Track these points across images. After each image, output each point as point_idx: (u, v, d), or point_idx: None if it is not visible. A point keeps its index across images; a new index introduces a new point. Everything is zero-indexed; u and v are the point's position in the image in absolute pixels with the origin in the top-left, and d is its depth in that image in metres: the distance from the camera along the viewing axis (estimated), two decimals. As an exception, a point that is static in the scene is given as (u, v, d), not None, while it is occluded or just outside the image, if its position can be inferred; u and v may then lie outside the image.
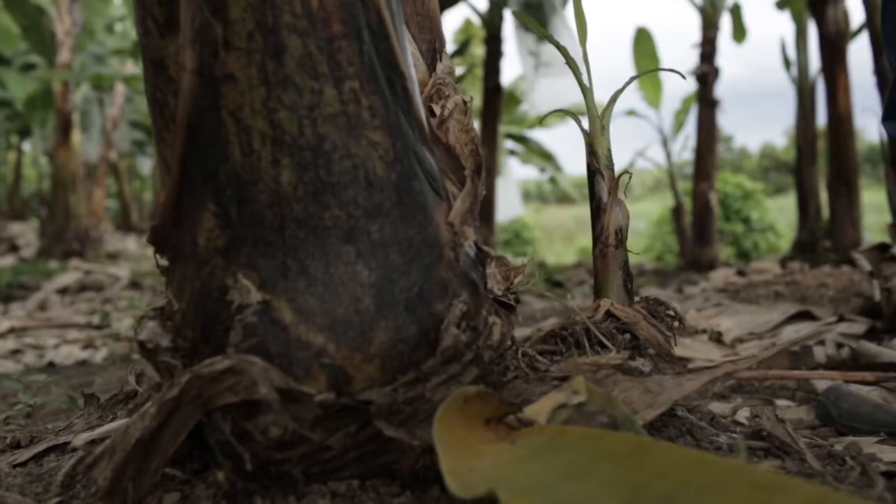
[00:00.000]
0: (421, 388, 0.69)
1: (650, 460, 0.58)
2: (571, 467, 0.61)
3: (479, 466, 0.62)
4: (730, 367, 0.78)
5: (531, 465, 0.63)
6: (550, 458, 0.63)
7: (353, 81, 0.66)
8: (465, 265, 0.74)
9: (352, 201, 0.67)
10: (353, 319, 0.66)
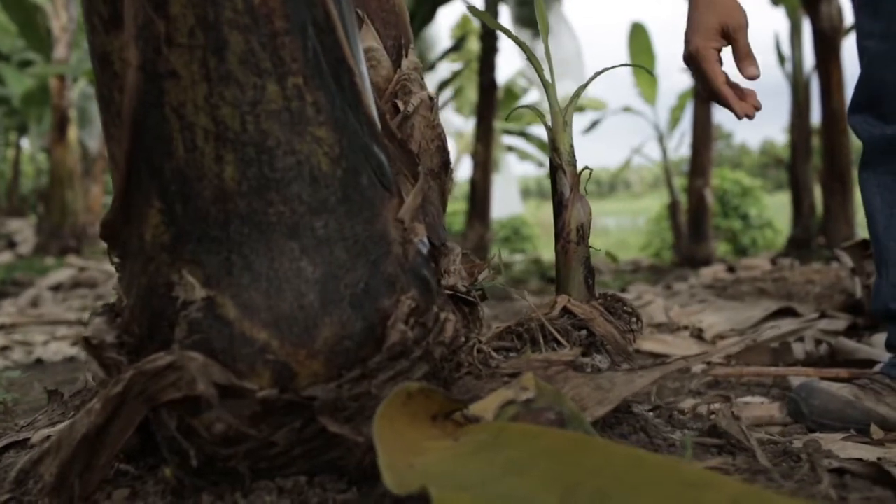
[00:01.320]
0: (367, 385, 0.69)
1: (586, 457, 0.58)
2: (512, 464, 0.61)
3: (419, 463, 0.62)
4: (681, 363, 0.78)
5: (472, 462, 0.63)
6: (492, 455, 0.63)
7: (297, 77, 0.66)
8: (416, 261, 0.74)
9: (296, 197, 0.67)
10: (297, 315, 0.66)
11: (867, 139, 1.24)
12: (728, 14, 1.09)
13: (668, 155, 6.55)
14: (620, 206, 20.57)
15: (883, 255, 1.21)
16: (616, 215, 18.65)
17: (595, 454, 0.58)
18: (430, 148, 1.08)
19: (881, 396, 1.21)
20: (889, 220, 1.19)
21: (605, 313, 0.86)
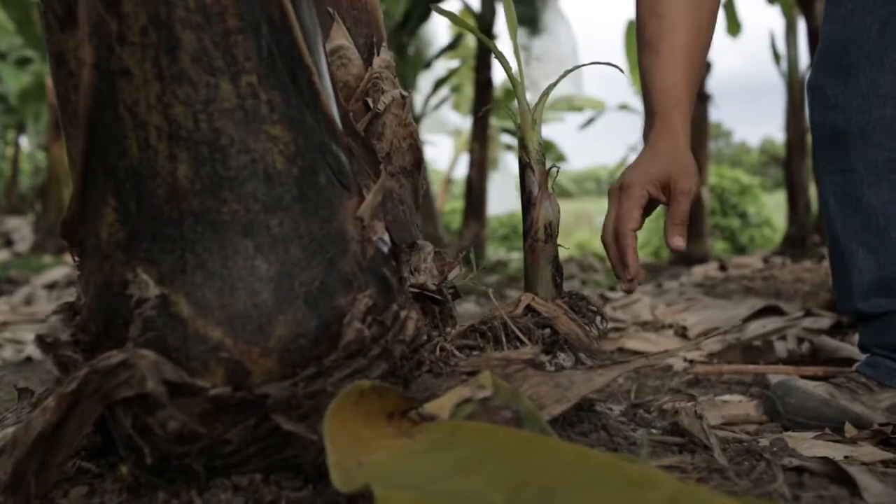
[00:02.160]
0: (323, 383, 0.69)
1: (535, 456, 0.58)
2: (462, 462, 0.61)
3: (370, 461, 0.62)
4: (642, 360, 0.78)
5: (424, 460, 0.63)
6: (443, 454, 0.63)
7: (251, 76, 0.66)
8: (375, 260, 0.74)
9: (250, 196, 0.67)
10: (251, 313, 0.66)
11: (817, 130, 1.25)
12: (682, 173, 1.03)
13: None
14: (620, 204, 20.52)
15: (843, 256, 1.21)
16: (616, 213, 18.58)
17: (543, 453, 0.58)
18: (402, 146, 1.08)
19: (856, 395, 1.21)
20: (846, 220, 1.19)
21: (570, 311, 0.87)
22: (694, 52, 1.07)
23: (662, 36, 1.05)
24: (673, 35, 1.04)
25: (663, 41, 1.04)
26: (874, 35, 1.13)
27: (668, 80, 1.04)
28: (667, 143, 1.04)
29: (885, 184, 1.14)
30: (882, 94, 1.13)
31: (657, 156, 1.03)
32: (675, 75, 1.04)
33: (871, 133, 1.14)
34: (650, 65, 1.06)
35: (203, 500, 0.68)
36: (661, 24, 1.04)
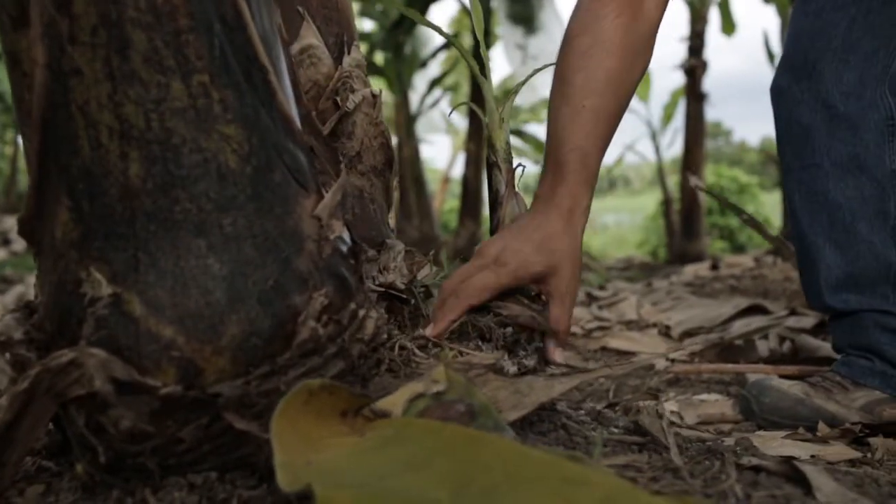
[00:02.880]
0: (277, 381, 0.69)
1: (480, 453, 0.59)
2: (411, 460, 0.61)
3: (319, 460, 0.62)
4: (606, 370, 0.79)
5: (373, 458, 0.63)
6: (393, 451, 0.63)
7: (203, 75, 0.66)
8: (332, 258, 0.74)
9: (203, 195, 0.67)
10: (203, 312, 0.67)
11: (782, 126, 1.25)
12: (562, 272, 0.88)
13: (660, 152, 6.54)
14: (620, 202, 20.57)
15: (811, 253, 1.21)
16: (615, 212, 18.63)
17: (487, 451, 0.58)
18: (373, 145, 1.08)
19: (831, 394, 1.21)
20: (812, 216, 1.20)
21: (524, 301, 0.86)
22: (615, 122, 0.97)
23: (591, 91, 0.93)
24: (604, 98, 0.93)
25: (590, 98, 0.93)
26: (842, 31, 1.13)
27: (588, 140, 0.93)
28: (560, 226, 0.89)
29: (850, 179, 1.15)
30: (846, 90, 1.14)
31: (544, 242, 0.88)
32: (597, 139, 0.93)
33: (836, 129, 1.14)
34: (571, 118, 0.93)
35: (157, 499, 0.68)
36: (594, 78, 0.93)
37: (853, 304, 1.19)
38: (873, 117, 1.13)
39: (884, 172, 1.14)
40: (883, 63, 1.12)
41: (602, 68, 0.93)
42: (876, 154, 1.14)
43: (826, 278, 1.19)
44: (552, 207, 0.91)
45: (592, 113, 0.93)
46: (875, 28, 1.12)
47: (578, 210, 0.91)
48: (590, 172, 0.92)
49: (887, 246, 1.15)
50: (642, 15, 0.96)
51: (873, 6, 1.12)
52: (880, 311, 1.18)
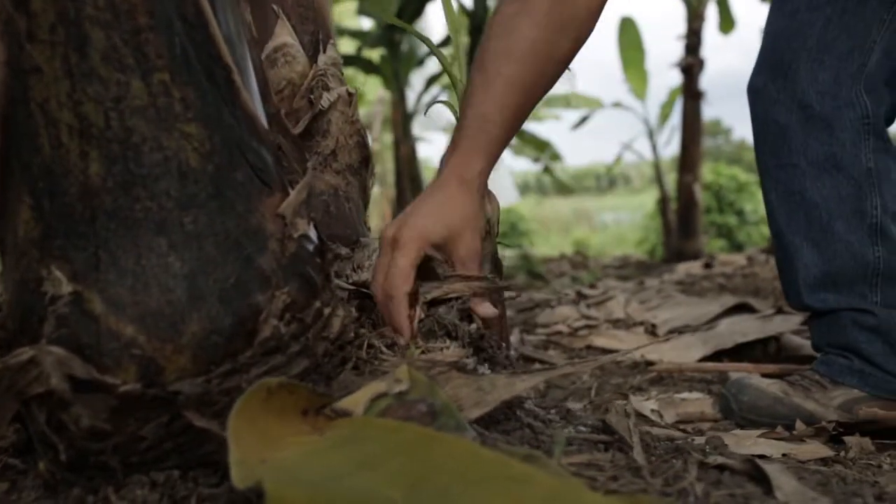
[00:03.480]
0: (238, 379, 0.69)
1: (434, 452, 0.59)
2: (368, 459, 0.61)
3: (275, 458, 0.62)
4: (568, 368, 0.79)
5: (329, 457, 0.63)
6: (350, 450, 0.63)
7: (163, 74, 0.66)
8: (296, 257, 0.74)
9: (164, 193, 0.67)
10: (163, 310, 0.67)
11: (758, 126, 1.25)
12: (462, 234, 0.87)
13: (657, 150, 6.54)
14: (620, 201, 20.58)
15: (788, 252, 1.21)
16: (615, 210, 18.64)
17: (441, 449, 0.58)
18: (349, 144, 1.08)
19: (810, 393, 1.21)
20: (789, 215, 1.20)
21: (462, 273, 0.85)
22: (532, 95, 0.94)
23: (510, 61, 0.90)
24: (522, 67, 0.90)
25: (508, 67, 0.90)
26: (817, 31, 1.14)
27: (494, 112, 0.90)
28: (455, 192, 0.88)
29: (826, 178, 1.15)
30: (822, 90, 1.14)
31: (442, 210, 0.88)
32: (505, 111, 0.91)
33: (812, 128, 1.15)
34: (482, 85, 0.92)
35: (119, 497, 0.68)
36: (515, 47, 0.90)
37: (831, 303, 1.19)
38: (849, 116, 1.13)
39: (860, 171, 1.14)
40: (858, 62, 1.13)
41: (525, 38, 0.91)
42: (852, 153, 1.14)
43: (804, 277, 1.20)
44: (447, 176, 0.91)
45: (507, 81, 0.90)
46: (850, 28, 1.12)
47: (470, 174, 0.90)
48: (488, 139, 0.90)
49: (864, 245, 1.16)
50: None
51: (848, 6, 1.13)
52: (858, 310, 1.18)
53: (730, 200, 9.48)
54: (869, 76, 1.14)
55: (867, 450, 1.05)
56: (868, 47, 1.13)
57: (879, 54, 1.14)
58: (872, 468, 0.97)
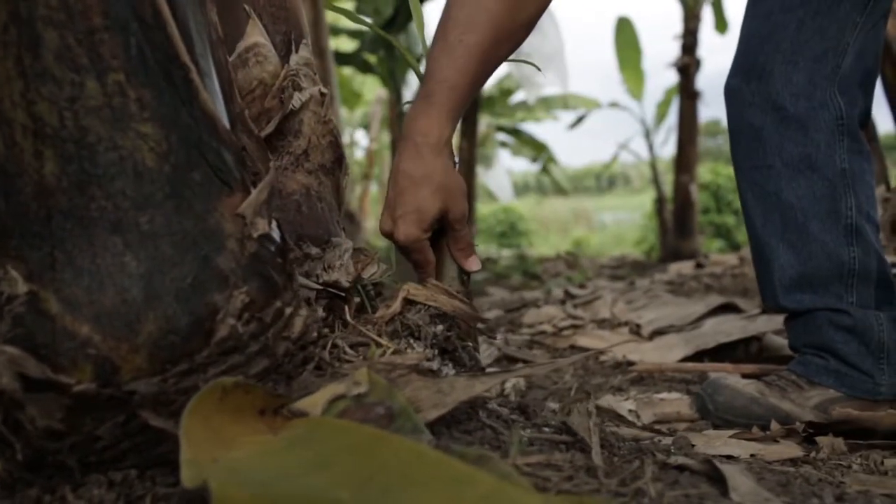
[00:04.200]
0: (195, 379, 0.69)
1: (381, 452, 0.59)
2: (318, 459, 0.62)
3: (227, 457, 0.62)
4: (527, 370, 0.79)
5: (282, 457, 0.63)
6: (301, 450, 0.63)
7: (118, 74, 0.66)
8: (256, 256, 0.74)
9: (119, 193, 0.67)
10: (120, 310, 0.67)
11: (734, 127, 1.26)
12: (453, 201, 0.95)
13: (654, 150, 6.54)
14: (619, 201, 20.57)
15: (764, 252, 1.22)
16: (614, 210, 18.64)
17: (387, 449, 0.58)
18: (322, 143, 1.08)
19: (786, 393, 1.21)
20: (765, 216, 1.20)
21: (449, 290, 0.86)
22: (492, 62, 0.98)
23: (471, 29, 0.94)
24: (481, 35, 0.94)
25: (470, 35, 0.94)
26: (790, 34, 1.14)
27: (457, 79, 0.94)
28: (433, 162, 0.94)
29: (801, 179, 1.15)
30: (796, 91, 1.14)
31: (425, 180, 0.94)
32: (466, 77, 0.95)
33: (787, 129, 1.15)
34: (446, 50, 0.95)
35: (77, 496, 0.68)
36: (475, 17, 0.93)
37: (807, 304, 1.19)
38: (823, 117, 1.13)
39: (835, 172, 1.14)
40: (832, 64, 1.13)
41: (484, 7, 0.94)
42: (826, 154, 1.14)
43: (780, 278, 1.20)
44: (423, 143, 0.95)
45: (467, 48, 0.94)
46: (823, 30, 1.13)
47: (443, 139, 0.95)
48: (455, 104, 0.95)
49: (839, 245, 1.16)
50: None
51: (821, 9, 1.13)
52: (834, 310, 1.18)
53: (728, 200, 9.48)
54: (843, 78, 1.14)
55: (839, 450, 1.05)
56: (841, 49, 1.13)
57: (853, 57, 1.15)
58: (842, 468, 0.97)
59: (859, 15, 1.14)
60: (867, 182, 1.16)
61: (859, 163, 1.15)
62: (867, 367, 1.18)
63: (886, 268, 1.19)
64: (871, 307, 1.18)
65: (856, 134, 1.15)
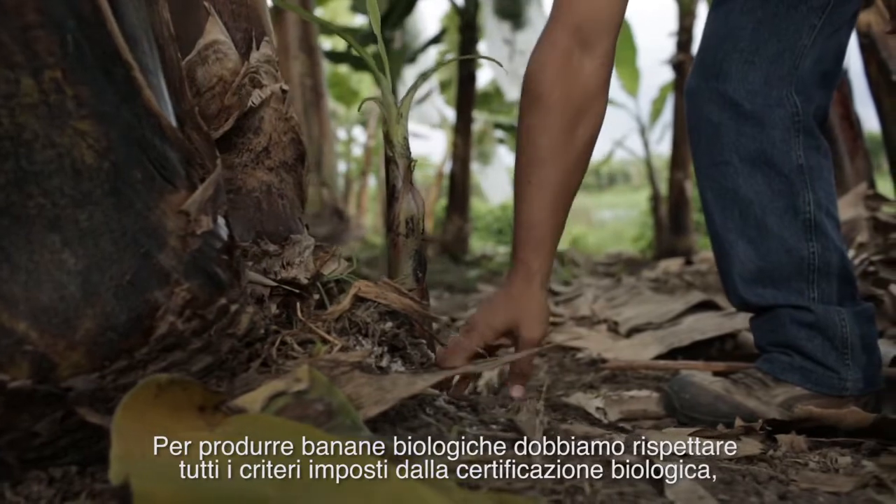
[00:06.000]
0: (135, 376, 0.69)
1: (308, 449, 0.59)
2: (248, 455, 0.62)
3: (159, 454, 0.63)
4: (471, 367, 0.79)
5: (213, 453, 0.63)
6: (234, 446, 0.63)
7: (55, 71, 0.66)
8: (199, 254, 0.74)
9: (57, 190, 0.67)
10: (57, 306, 0.67)
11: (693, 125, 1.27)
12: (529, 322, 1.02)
13: (649, 147, 6.53)
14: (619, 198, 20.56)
15: (724, 249, 1.22)
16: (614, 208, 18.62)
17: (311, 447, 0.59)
18: (283, 140, 1.08)
19: (752, 391, 1.22)
20: (724, 212, 1.21)
21: (399, 288, 0.87)
22: (564, 189, 1.06)
23: (534, 168, 1.04)
24: (544, 170, 1.04)
25: (535, 174, 1.04)
26: (748, 34, 1.15)
27: (534, 216, 1.05)
28: (519, 288, 1.04)
29: (759, 175, 1.16)
30: (752, 89, 1.15)
31: (505, 303, 1.04)
32: (542, 212, 1.04)
33: (743, 126, 1.16)
34: (521, 192, 1.06)
35: (16, 493, 0.69)
36: (535, 156, 1.04)
37: (769, 299, 1.19)
38: (779, 114, 1.14)
39: (791, 168, 1.15)
40: (789, 64, 1.14)
41: (541, 146, 1.04)
42: (782, 150, 1.15)
43: (740, 273, 1.20)
44: (513, 274, 1.07)
45: (537, 188, 1.04)
46: (780, 31, 1.14)
47: (532, 271, 1.05)
48: (538, 241, 1.05)
49: (798, 240, 1.16)
50: (580, 84, 1.04)
51: (779, 11, 1.14)
52: (796, 307, 1.18)
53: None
54: (800, 79, 1.15)
55: (798, 448, 1.05)
56: (798, 51, 1.14)
57: (811, 59, 1.16)
58: (798, 466, 0.97)
59: (817, 18, 1.15)
60: (826, 178, 1.17)
61: (817, 159, 1.16)
62: (832, 363, 1.18)
63: (848, 263, 1.20)
64: (833, 303, 1.18)
65: (812, 130, 1.16)
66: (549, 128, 1.04)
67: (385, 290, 0.85)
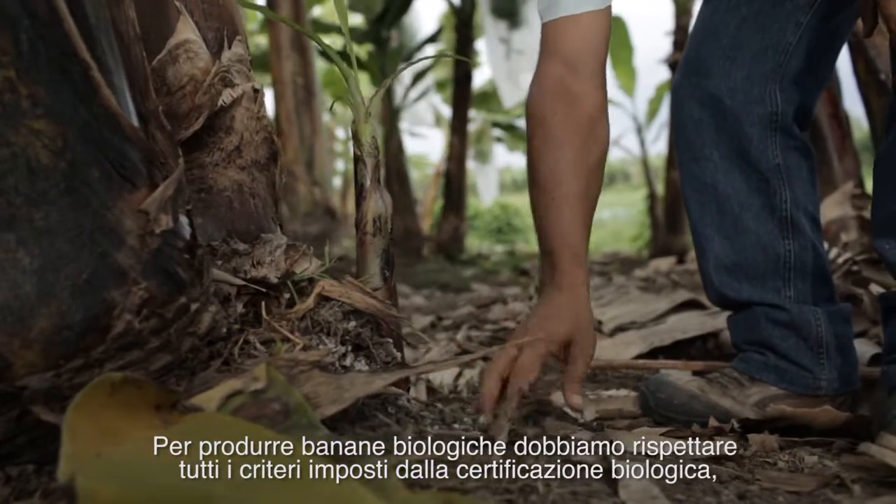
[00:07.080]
0: (91, 374, 0.69)
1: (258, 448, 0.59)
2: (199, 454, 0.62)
3: (111, 453, 0.63)
4: (430, 366, 0.79)
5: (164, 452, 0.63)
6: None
7: (8, 70, 0.66)
8: (159, 253, 0.74)
9: (12, 189, 0.67)
10: (11, 305, 0.67)
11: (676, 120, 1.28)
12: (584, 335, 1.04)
13: (646, 146, 6.53)
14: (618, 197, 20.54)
15: (701, 243, 1.23)
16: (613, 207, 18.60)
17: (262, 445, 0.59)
18: (255, 139, 1.08)
19: (727, 390, 1.22)
20: (702, 207, 1.21)
21: (364, 288, 0.87)
22: (585, 201, 1.08)
23: (556, 182, 1.06)
24: (563, 186, 1.06)
25: (557, 188, 1.06)
26: (731, 31, 1.16)
27: (565, 228, 1.06)
28: (569, 299, 1.05)
29: (737, 172, 1.16)
30: (733, 86, 1.15)
31: (561, 313, 1.04)
32: (574, 224, 1.06)
33: (724, 122, 1.16)
34: (546, 209, 1.08)
35: (-28, 491, 0.69)
36: (554, 170, 1.06)
37: (744, 295, 1.19)
38: (757, 112, 1.14)
39: (768, 166, 1.15)
40: (773, 62, 1.14)
41: (558, 161, 1.06)
42: (759, 148, 1.15)
43: (716, 267, 1.21)
44: (555, 288, 1.06)
45: (562, 202, 1.06)
46: (764, 28, 1.14)
47: (577, 283, 1.06)
48: (574, 252, 1.06)
49: (774, 238, 1.16)
50: (579, 105, 1.07)
51: (764, 8, 1.14)
52: (771, 306, 1.18)
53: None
54: (784, 76, 1.15)
55: (769, 447, 1.05)
56: (783, 48, 1.14)
57: (798, 56, 1.15)
58: (767, 466, 0.97)
59: (803, 15, 1.15)
60: (805, 178, 1.17)
61: (795, 158, 1.16)
62: (806, 362, 1.18)
63: (825, 263, 1.20)
64: (808, 303, 1.18)
65: (790, 130, 1.16)
66: (559, 146, 1.06)
67: (349, 290, 0.86)
